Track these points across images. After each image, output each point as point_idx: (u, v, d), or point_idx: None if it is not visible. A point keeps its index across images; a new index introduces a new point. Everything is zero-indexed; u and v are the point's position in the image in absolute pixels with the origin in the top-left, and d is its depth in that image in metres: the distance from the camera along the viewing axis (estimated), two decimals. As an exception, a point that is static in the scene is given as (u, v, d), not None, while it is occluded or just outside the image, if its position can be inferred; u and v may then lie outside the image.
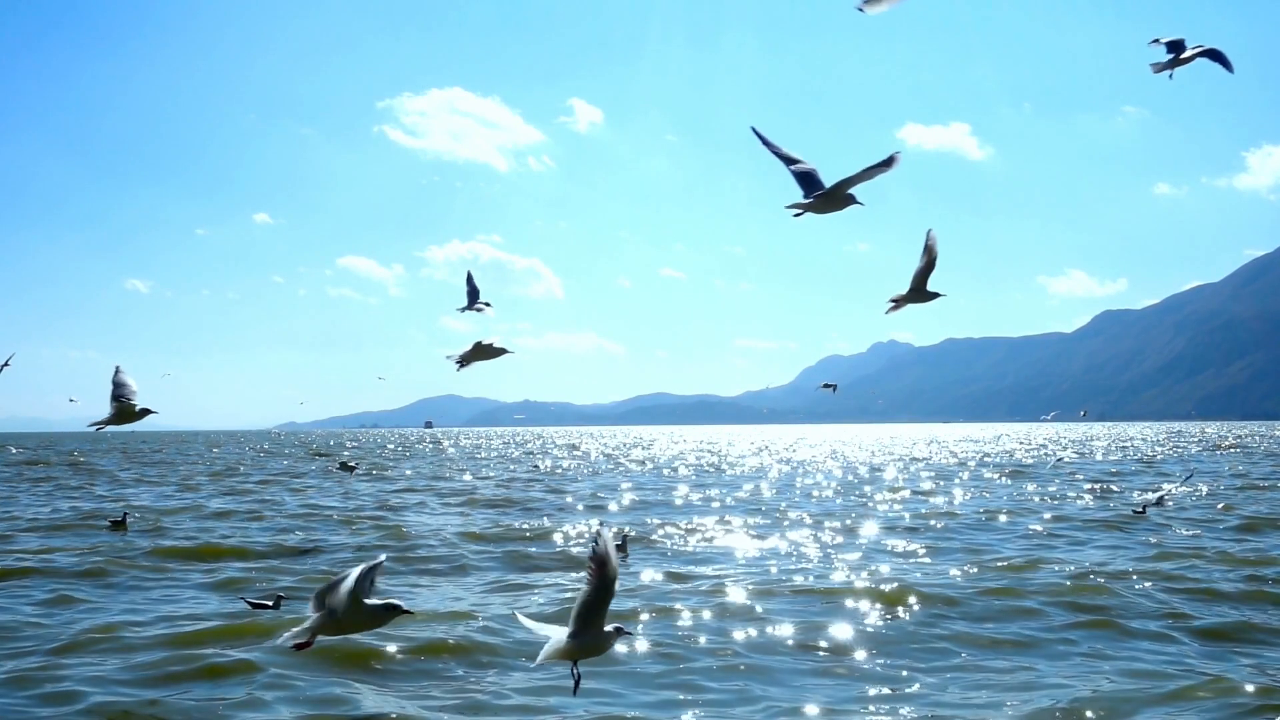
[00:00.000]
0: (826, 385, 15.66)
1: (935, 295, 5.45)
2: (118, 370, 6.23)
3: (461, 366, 6.72)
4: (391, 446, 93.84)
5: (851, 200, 4.84)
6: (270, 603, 12.07)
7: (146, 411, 6.03)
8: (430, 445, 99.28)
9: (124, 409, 6.05)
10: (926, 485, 33.02)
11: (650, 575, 14.82)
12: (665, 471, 44.01)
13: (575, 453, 70.71)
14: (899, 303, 5.58)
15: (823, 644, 10.64)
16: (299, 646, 4.85)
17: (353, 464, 22.37)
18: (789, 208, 4.89)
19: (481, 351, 6.69)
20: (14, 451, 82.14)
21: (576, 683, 4.92)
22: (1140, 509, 21.60)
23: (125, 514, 21.86)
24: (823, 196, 4.77)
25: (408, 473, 44.20)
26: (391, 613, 4.66)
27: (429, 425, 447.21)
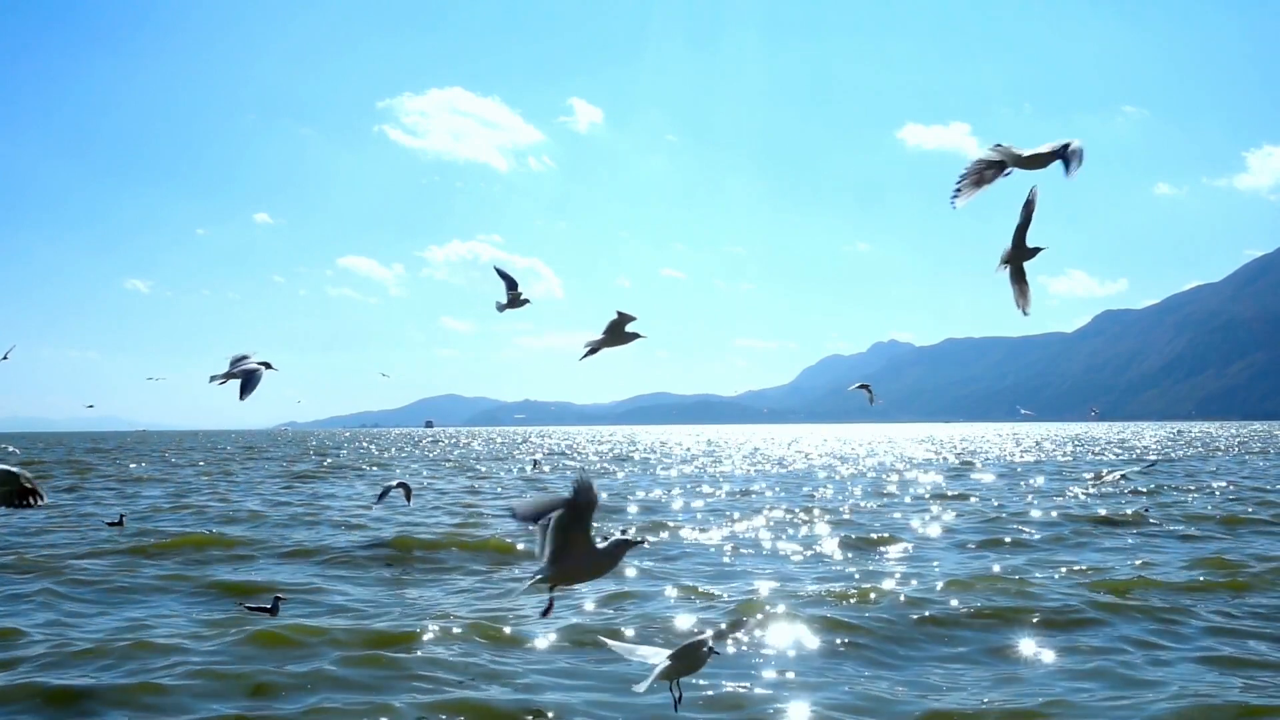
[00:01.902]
0: (862, 387, 15.25)
1: (1037, 250, 5.47)
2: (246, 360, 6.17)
3: (592, 352, 6.58)
4: (391, 446, 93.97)
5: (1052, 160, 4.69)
6: (268, 605, 12.19)
7: (267, 365, 6.02)
8: (429, 445, 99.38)
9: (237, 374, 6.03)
10: (919, 487, 33.15)
11: (644, 572, 15.02)
12: (660, 472, 44.15)
13: (572, 452, 70.81)
14: (1010, 261, 5.55)
15: (804, 642, 10.78)
16: (546, 613, 4.75)
17: (399, 483, 21.06)
18: (1001, 150, 4.69)
19: (619, 335, 6.50)
20: (11, 451, 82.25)
21: (677, 701, 4.69)
22: (1099, 479, 25.47)
23: (121, 516, 21.99)
24: (1036, 159, 4.66)
25: (398, 472, 44.31)
26: (624, 549, 4.39)
27: (429, 425, 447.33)
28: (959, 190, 4.67)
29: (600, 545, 4.29)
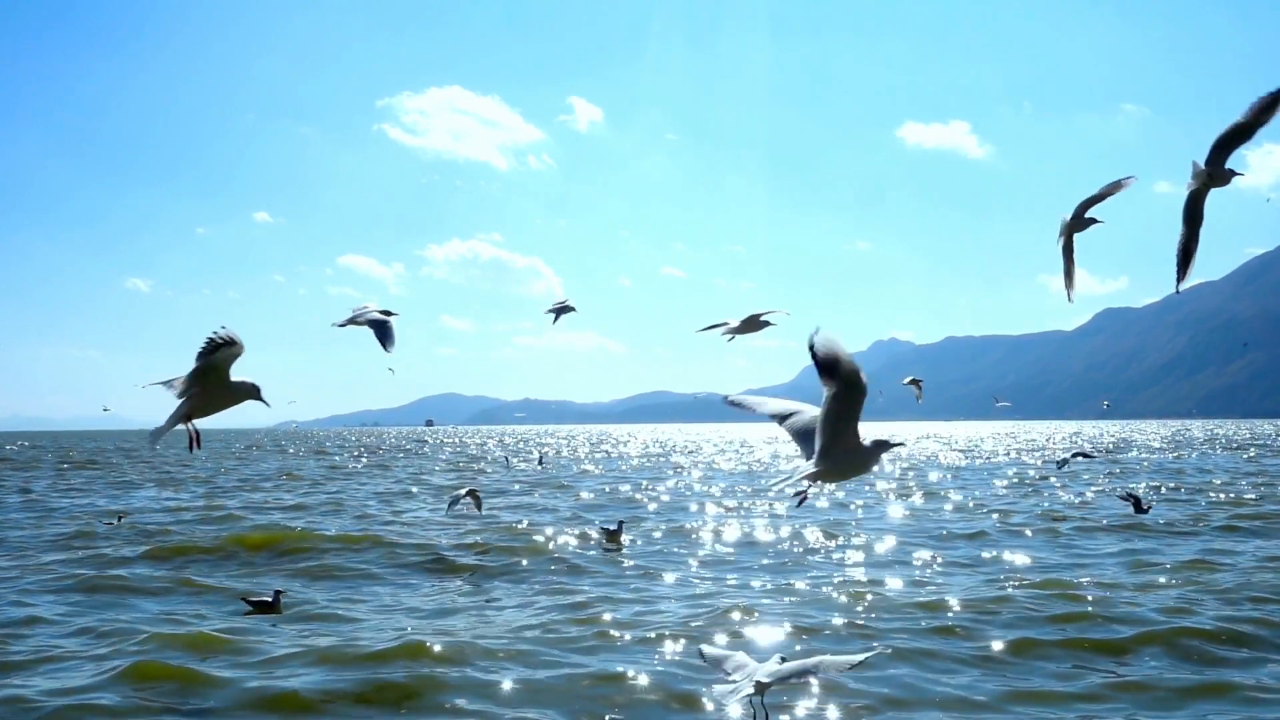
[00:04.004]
0: (912, 382, 15.02)
1: (1094, 221, 5.64)
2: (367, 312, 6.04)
3: (732, 338, 6.92)
4: (390, 445, 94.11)
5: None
6: (269, 598, 12.39)
7: (389, 313, 6.00)
8: (429, 444, 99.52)
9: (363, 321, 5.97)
10: (909, 484, 33.36)
11: (640, 567, 15.29)
12: (653, 470, 44.36)
13: (571, 452, 71.01)
14: (1070, 231, 5.64)
15: (774, 636, 11.01)
16: (801, 503, 4.69)
17: (469, 490, 19.87)
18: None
19: (752, 323, 6.89)
20: (11, 449, 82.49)
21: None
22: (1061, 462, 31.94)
23: (120, 515, 22.25)
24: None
25: (392, 469, 44.55)
26: (884, 448, 4.43)
27: (429, 424, 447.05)
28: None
29: (864, 443, 4.35)
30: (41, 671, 9.72)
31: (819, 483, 4.45)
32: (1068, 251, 5.54)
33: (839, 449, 4.31)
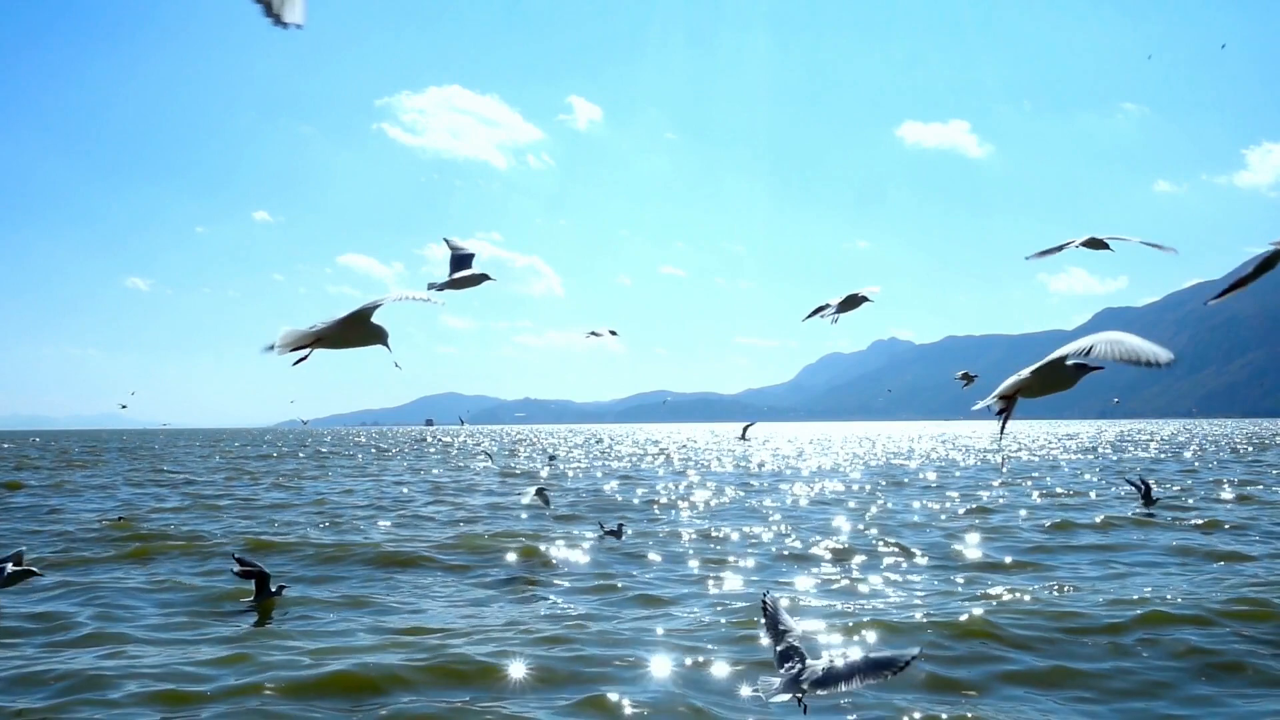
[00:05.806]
0: (965, 376, 14.85)
1: (1106, 247, 5.85)
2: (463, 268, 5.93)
3: (836, 320, 7.01)
4: (387, 444, 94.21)
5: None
6: (273, 590, 12.35)
7: (486, 276, 5.88)
8: (429, 442, 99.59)
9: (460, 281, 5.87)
10: (897, 482, 33.45)
11: (637, 565, 15.39)
12: (650, 469, 44.44)
13: (568, 451, 71.10)
14: (1086, 245, 5.89)
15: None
16: (1002, 411, 4.66)
17: (547, 494, 18.94)
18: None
19: (853, 301, 6.98)
20: (8, 446, 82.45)
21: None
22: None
23: (120, 517, 22.34)
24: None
25: (388, 469, 44.62)
26: (1084, 372, 4.52)
27: (430, 423, 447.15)
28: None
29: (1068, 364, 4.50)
30: (27, 672, 9.76)
31: (1017, 396, 4.53)
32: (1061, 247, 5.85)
33: (1054, 363, 4.44)
